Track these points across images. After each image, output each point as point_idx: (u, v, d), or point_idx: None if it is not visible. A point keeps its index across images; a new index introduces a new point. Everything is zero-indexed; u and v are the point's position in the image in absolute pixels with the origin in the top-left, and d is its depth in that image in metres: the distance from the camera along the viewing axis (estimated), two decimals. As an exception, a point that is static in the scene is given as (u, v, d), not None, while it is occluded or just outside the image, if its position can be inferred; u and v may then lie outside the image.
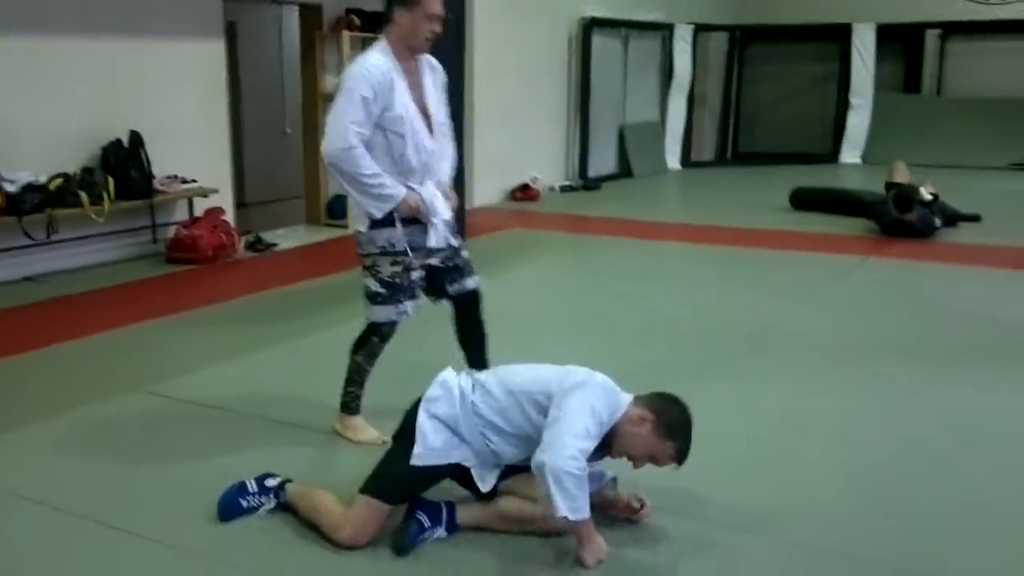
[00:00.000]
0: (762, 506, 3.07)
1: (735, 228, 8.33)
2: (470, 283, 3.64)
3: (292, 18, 10.08)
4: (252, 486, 3.00)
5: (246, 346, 4.82)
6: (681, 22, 12.97)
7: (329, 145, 3.27)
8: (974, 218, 8.26)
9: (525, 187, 10.21)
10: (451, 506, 2.87)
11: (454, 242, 3.56)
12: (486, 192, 9.81)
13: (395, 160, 3.34)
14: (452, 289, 3.61)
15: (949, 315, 5.51)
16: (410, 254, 3.40)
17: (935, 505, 3.12)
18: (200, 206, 7.13)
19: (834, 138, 13.59)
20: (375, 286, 3.44)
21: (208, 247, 6.78)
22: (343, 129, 3.22)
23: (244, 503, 2.96)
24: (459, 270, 3.60)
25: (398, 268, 3.41)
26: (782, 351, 4.79)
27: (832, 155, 13.32)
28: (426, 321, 3.66)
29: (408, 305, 3.47)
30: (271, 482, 3.02)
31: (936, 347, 4.87)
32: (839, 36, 13.43)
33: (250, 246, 7.30)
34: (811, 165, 12.58)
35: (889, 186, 8.18)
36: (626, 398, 2.81)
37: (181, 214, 7.13)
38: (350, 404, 3.62)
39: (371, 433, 3.57)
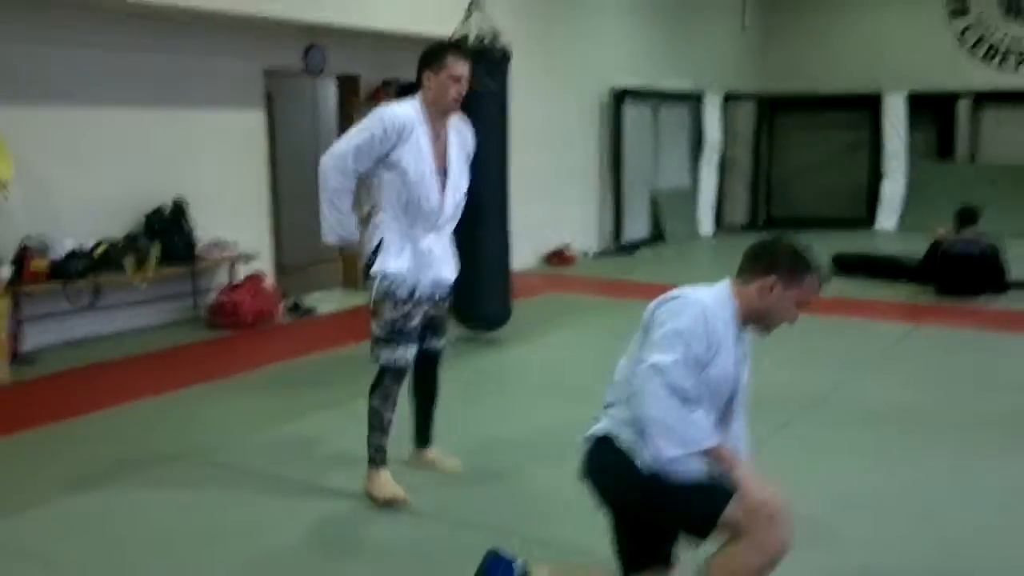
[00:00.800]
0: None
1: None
2: (439, 343, 3.75)
3: (326, 88, 10.27)
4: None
5: (292, 412, 4.78)
6: (710, 91, 13.09)
7: (327, 156, 3.51)
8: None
9: (559, 252, 10.21)
10: None
11: (447, 291, 3.68)
12: (522, 256, 9.80)
13: (401, 203, 3.48)
14: (424, 344, 3.67)
15: (1007, 385, 5.36)
16: (408, 298, 3.51)
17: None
18: (241, 272, 7.17)
19: (868, 204, 13.54)
20: (378, 331, 3.53)
21: (249, 313, 6.79)
22: (344, 150, 3.45)
23: None
24: (438, 327, 3.70)
25: (403, 312, 3.51)
26: (843, 422, 4.66)
27: (867, 221, 13.26)
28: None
29: (411, 349, 3.55)
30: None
31: (998, 418, 4.73)
32: (868, 104, 13.48)
33: (290, 311, 7.30)
34: (846, 231, 12.52)
35: (934, 245, 8.14)
36: (723, 288, 2.59)
37: (222, 279, 7.16)
38: (374, 457, 3.60)
39: (394, 490, 3.53)
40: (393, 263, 3.50)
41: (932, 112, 13.61)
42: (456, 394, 3.71)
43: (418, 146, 3.46)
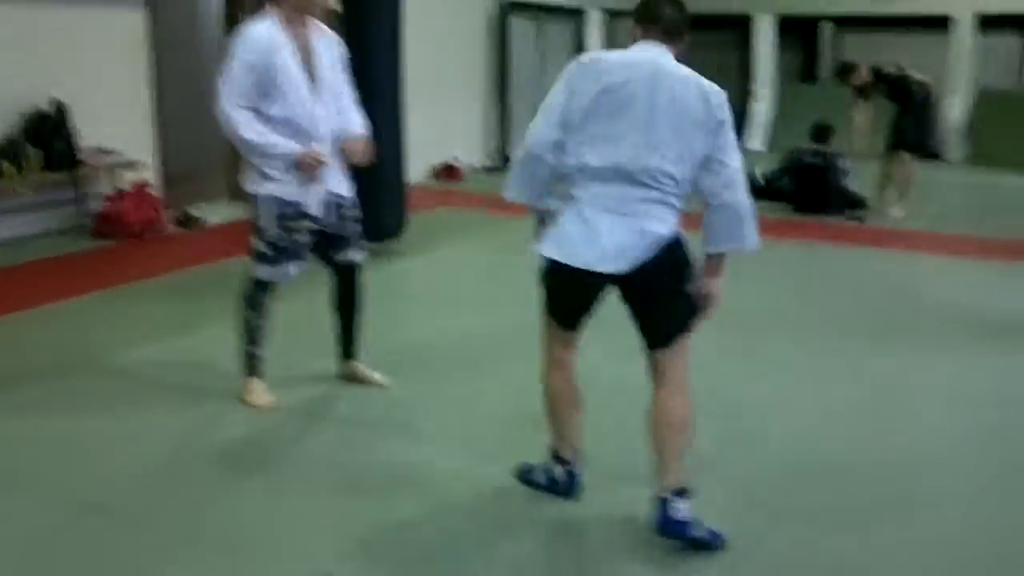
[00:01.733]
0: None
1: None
2: (354, 255, 3.79)
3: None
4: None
5: (179, 322, 4.84)
6: (592, 7, 13.26)
7: (219, 109, 3.46)
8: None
9: (449, 167, 10.33)
10: None
11: (345, 204, 3.70)
12: (412, 170, 9.87)
13: (278, 119, 3.47)
14: (337, 257, 3.76)
15: (865, 292, 5.90)
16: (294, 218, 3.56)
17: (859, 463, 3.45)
18: (126, 181, 7.02)
19: (737, 125, 14.06)
20: (261, 246, 3.60)
21: (135, 222, 6.69)
22: (226, 96, 3.41)
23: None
24: (344, 240, 3.74)
25: (283, 231, 3.56)
26: (714, 328, 5.04)
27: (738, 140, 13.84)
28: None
29: (290, 267, 3.64)
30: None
31: (860, 322, 5.23)
32: (739, 25, 13.95)
33: (179, 223, 7.22)
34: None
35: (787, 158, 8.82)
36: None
37: (107, 188, 7.01)
38: (248, 364, 3.74)
39: (265, 398, 3.71)
40: (271, 183, 3.52)
41: (798, 36, 14.20)
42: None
43: (284, 59, 3.45)
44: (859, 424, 3.78)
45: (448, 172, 10.30)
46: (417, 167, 10.06)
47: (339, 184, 3.68)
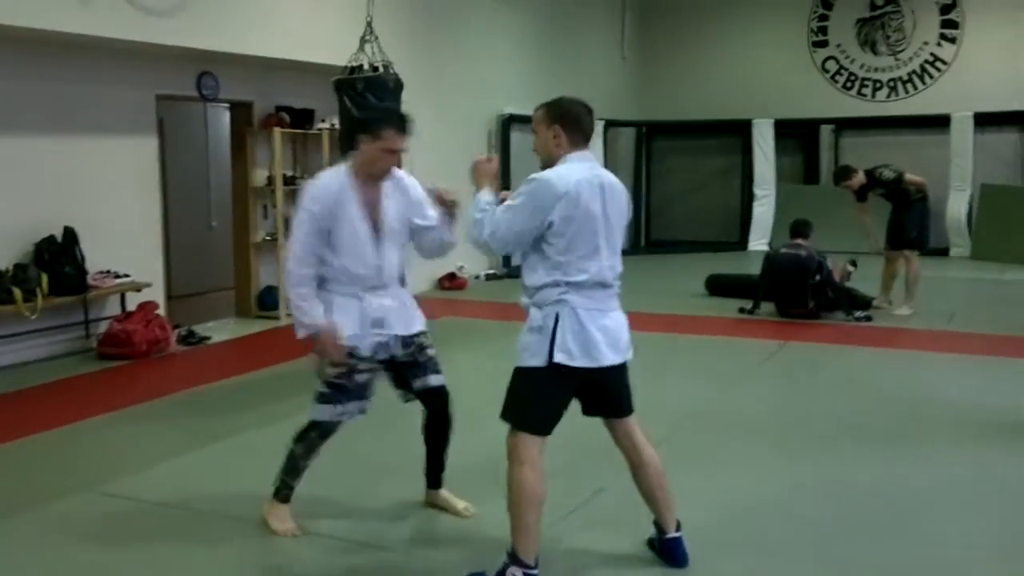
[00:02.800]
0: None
1: (654, 314, 8.67)
2: (433, 380, 3.73)
3: (218, 115, 10.25)
4: None
5: (188, 442, 4.82)
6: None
7: (288, 258, 3.55)
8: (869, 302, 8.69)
9: (452, 276, 10.44)
10: None
11: (417, 336, 3.68)
12: (416, 281, 9.96)
13: (340, 269, 3.52)
14: (416, 385, 3.72)
15: (876, 396, 5.82)
16: (354, 359, 3.53)
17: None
18: (132, 301, 7.12)
19: (741, 226, 14.29)
20: (319, 385, 3.58)
21: (142, 342, 6.76)
22: (297, 244, 3.50)
23: None
24: (421, 366, 3.70)
25: (341, 369, 3.54)
26: (718, 435, 5.03)
27: (740, 243, 13.98)
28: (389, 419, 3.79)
29: (351, 406, 3.57)
30: None
31: (869, 426, 5.16)
32: (740, 131, 14.25)
33: (183, 339, 7.29)
34: (721, 252, 13.19)
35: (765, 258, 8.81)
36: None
37: (114, 309, 7.10)
38: (280, 491, 3.70)
39: (289, 525, 3.66)
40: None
41: (798, 138, 14.49)
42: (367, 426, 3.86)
43: (348, 212, 3.50)
44: (879, 533, 3.69)
45: (451, 281, 10.40)
46: (422, 276, 10.19)
47: (406, 324, 3.65)
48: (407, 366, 3.68)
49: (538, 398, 3.08)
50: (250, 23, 7.63)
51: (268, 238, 8.78)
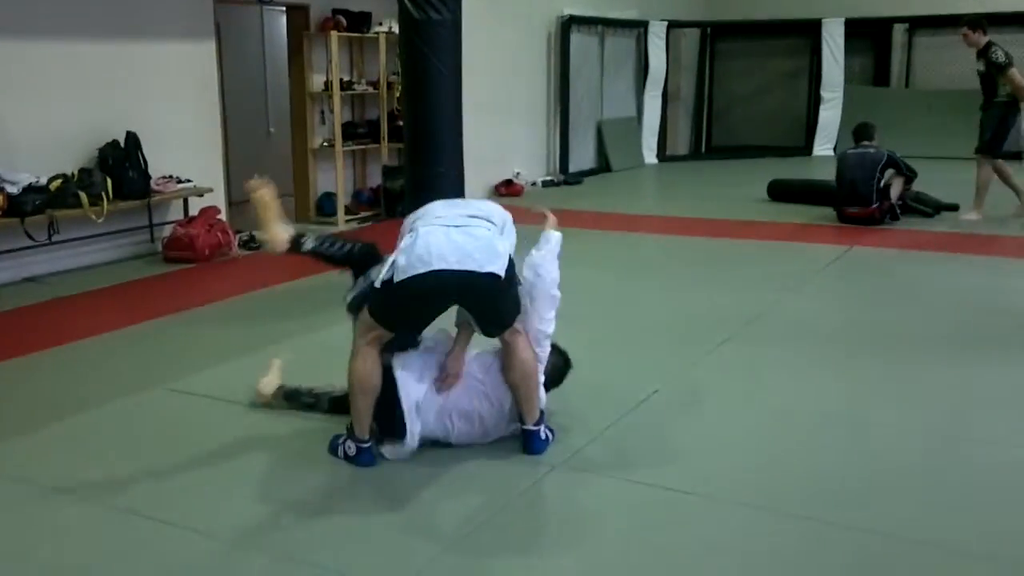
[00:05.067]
0: (773, 487, 3.28)
1: (716, 220, 8.55)
2: None
3: (274, 19, 10.18)
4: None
5: (248, 344, 4.90)
6: (655, 19, 13.19)
7: None
8: (952, 207, 8.51)
9: (508, 182, 10.38)
10: None
11: None
12: (472, 187, 9.93)
13: None
14: None
15: (944, 302, 5.69)
16: None
17: (942, 483, 3.33)
18: (195, 206, 7.23)
19: (806, 131, 13.89)
20: None
21: (205, 246, 6.87)
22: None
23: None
24: None
25: None
26: (780, 342, 4.96)
27: (805, 148, 13.62)
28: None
29: None
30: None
31: (939, 334, 5.04)
32: (809, 31, 13.72)
33: (244, 244, 7.40)
34: (785, 158, 12.87)
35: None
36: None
37: (176, 214, 7.22)
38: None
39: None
40: None
41: (869, 39, 13.91)
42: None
43: None
44: (940, 439, 3.65)
45: (507, 187, 10.35)
46: (478, 183, 10.14)
47: None
48: None
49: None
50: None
51: (326, 144, 8.78)
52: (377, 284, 3.23)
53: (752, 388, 4.22)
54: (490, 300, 3.30)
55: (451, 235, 3.19)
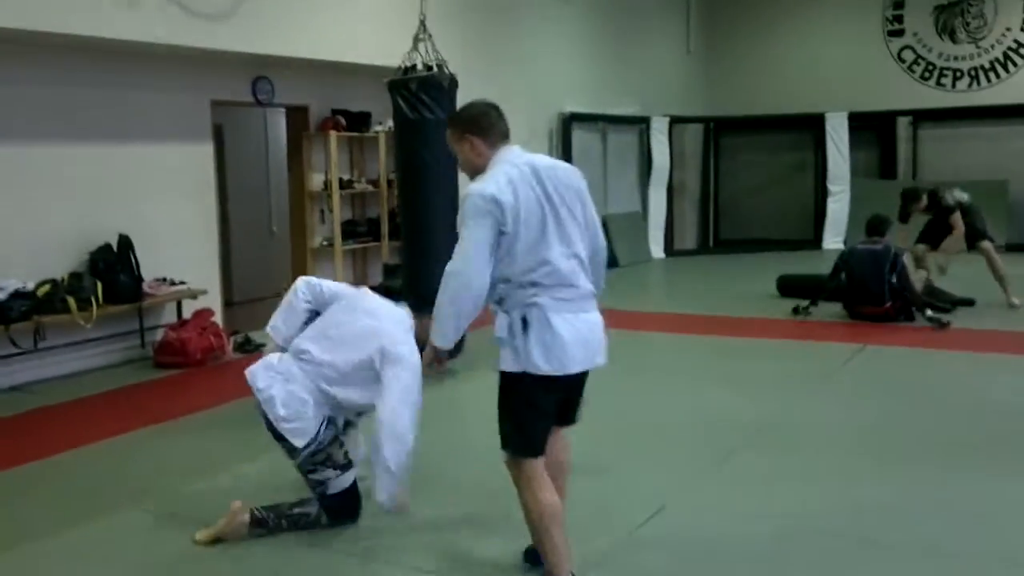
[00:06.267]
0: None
1: (726, 317, 8.34)
2: None
3: (278, 119, 10.20)
4: None
5: (240, 455, 4.67)
6: (657, 115, 13.24)
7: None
8: (969, 302, 8.29)
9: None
10: None
11: None
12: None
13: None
14: None
15: (960, 405, 5.41)
16: None
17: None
18: (188, 308, 7.06)
19: (815, 224, 13.78)
20: None
21: (197, 350, 6.68)
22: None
23: None
24: None
25: None
26: (795, 448, 4.69)
27: (815, 241, 13.48)
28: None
29: None
30: None
31: (954, 439, 4.77)
32: (812, 125, 13.74)
33: (239, 347, 7.20)
34: (794, 251, 12.72)
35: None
36: None
37: (170, 316, 7.05)
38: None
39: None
40: None
41: (873, 132, 13.92)
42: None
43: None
44: (964, 558, 3.35)
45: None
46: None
47: None
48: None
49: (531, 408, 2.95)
50: (302, 26, 7.53)
51: (325, 243, 8.67)
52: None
53: (762, 501, 3.93)
54: None
55: None
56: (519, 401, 2.92)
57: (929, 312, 7.58)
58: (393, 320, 3.64)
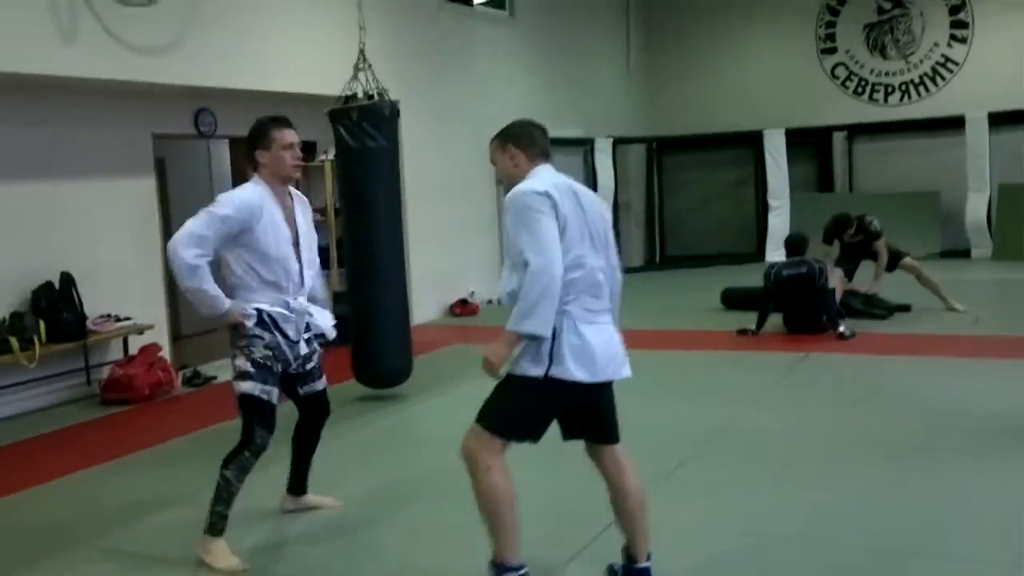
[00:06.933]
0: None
1: (670, 331, 8.47)
2: (320, 385, 3.98)
3: (221, 152, 10.17)
4: None
5: (191, 491, 4.63)
6: (600, 136, 13.42)
7: (174, 243, 3.57)
8: (905, 308, 8.56)
9: (464, 302, 10.28)
10: None
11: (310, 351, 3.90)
12: (427, 308, 9.84)
13: (264, 279, 3.68)
14: (303, 390, 3.92)
15: (904, 407, 5.56)
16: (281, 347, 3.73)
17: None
18: (135, 344, 7.00)
19: (758, 238, 14.04)
20: (245, 365, 3.68)
21: (144, 386, 6.62)
22: (186, 238, 3.54)
23: None
24: (311, 373, 3.92)
25: (269, 353, 3.71)
26: (744, 457, 4.79)
27: (758, 253, 13.73)
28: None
29: (274, 391, 3.70)
30: None
31: (901, 442, 4.89)
32: (751, 142, 14.04)
33: (188, 381, 7.14)
34: (739, 265, 12.95)
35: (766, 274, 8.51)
36: None
37: (116, 353, 6.97)
38: (216, 525, 3.64)
39: (231, 561, 3.56)
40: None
41: (811, 147, 14.26)
42: (356, 454, 3.69)
43: (273, 220, 3.67)
44: (913, 556, 3.46)
45: (462, 306, 10.24)
46: (432, 302, 10.04)
47: (319, 320, 3.92)
48: (296, 376, 3.85)
49: (542, 407, 3.03)
50: (243, 57, 7.54)
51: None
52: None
53: (714, 511, 4.01)
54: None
55: None
56: (532, 401, 3.01)
57: (842, 328, 7.65)
58: None
